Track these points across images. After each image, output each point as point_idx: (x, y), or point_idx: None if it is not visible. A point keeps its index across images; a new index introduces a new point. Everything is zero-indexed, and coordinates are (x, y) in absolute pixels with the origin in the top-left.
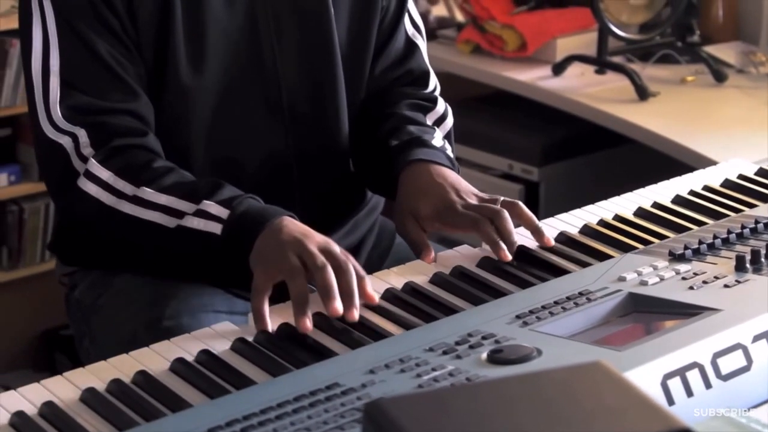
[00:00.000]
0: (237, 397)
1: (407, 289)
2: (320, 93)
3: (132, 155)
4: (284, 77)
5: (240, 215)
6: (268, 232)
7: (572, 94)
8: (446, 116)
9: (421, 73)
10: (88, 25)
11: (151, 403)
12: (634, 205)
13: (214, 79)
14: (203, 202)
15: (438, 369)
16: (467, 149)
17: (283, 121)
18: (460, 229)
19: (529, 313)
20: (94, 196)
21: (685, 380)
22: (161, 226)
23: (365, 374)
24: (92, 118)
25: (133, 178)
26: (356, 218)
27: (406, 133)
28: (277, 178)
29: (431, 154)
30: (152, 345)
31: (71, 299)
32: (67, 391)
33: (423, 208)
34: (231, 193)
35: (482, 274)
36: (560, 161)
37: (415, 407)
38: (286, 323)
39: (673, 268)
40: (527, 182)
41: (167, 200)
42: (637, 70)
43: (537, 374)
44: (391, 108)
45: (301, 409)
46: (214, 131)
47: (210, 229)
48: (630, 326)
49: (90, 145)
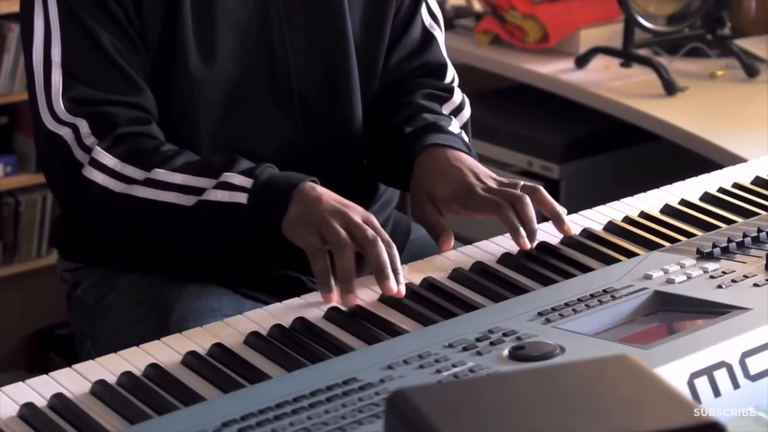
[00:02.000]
0: (251, 391)
1: (426, 285)
2: (332, 84)
3: (137, 141)
4: (295, 68)
5: (265, 183)
6: (303, 195)
7: (596, 88)
8: (463, 107)
9: (438, 66)
10: (92, 16)
11: (163, 396)
12: (661, 202)
13: (223, 71)
14: (223, 174)
15: (458, 365)
16: (485, 145)
17: (293, 113)
18: (479, 213)
19: (551, 310)
20: (102, 185)
21: (712, 380)
22: (179, 206)
23: (383, 369)
24: (94, 108)
25: (142, 163)
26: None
27: (421, 120)
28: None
29: (448, 140)
30: (164, 338)
31: (73, 298)
32: (77, 383)
33: (440, 191)
34: (248, 164)
35: (503, 270)
36: (582, 158)
37: (439, 397)
38: (300, 318)
39: (701, 267)
40: (547, 180)
41: (183, 179)
42: (665, 63)
43: (562, 366)
44: (407, 97)
45: (317, 404)
46: (223, 124)
47: (235, 200)
48: (656, 325)
49: (92, 135)
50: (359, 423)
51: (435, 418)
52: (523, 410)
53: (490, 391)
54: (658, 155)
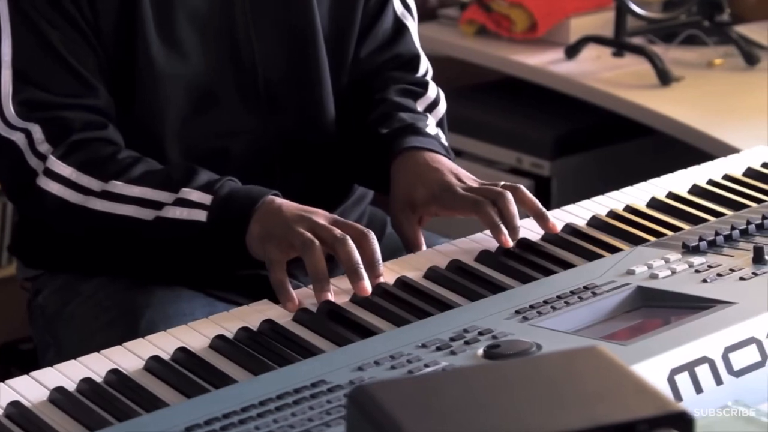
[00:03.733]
0: (216, 396)
1: (399, 284)
2: (302, 77)
3: (94, 148)
4: (261, 61)
5: (224, 199)
6: (264, 213)
7: (587, 79)
8: (438, 102)
9: (410, 57)
10: (43, 14)
11: (124, 402)
12: (648, 195)
13: (187, 66)
14: (182, 189)
15: (431, 365)
16: (471, 141)
17: (262, 109)
18: (459, 212)
19: (529, 307)
20: (57, 195)
21: (694, 376)
22: (138, 219)
23: (353, 371)
24: (47, 113)
25: (98, 172)
26: (343, 207)
27: (397, 120)
28: (259, 169)
29: (425, 142)
30: (126, 343)
31: (35, 305)
32: (35, 390)
33: (419, 194)
34: (208, 177)
35: (481, 268)
36: (574, 154)
37: (402, 392)
38: (268, 320)
39: (687, 261)
40: (538, 177)
41: (141, 191)
42: (659, 52)
43: (531, 359)
44: (380, 94)
45: (284, 407)
46: (190, 120)
47: (194, 218)
48: (638, 321)
49: (46, 141)
50: (327, 425)
51: (397, 413)
52: (488, 403)
53: (454, 385)
54: (653, 149)
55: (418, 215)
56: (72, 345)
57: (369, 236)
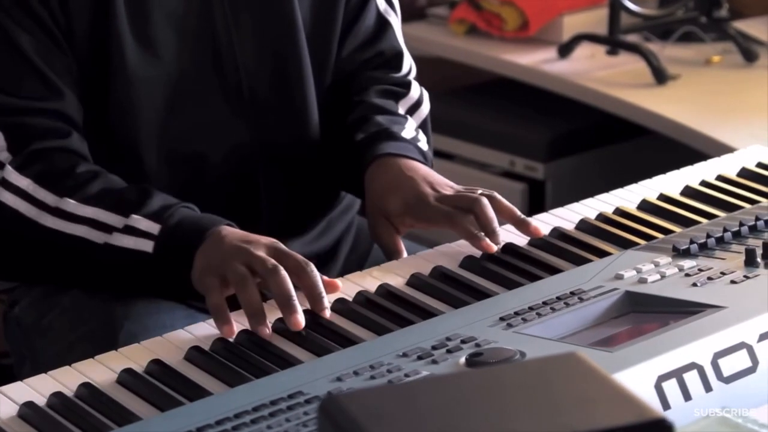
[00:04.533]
0: (190, 409)
1: (381, 292)
2: (284, 78)
3: (53, 159)
4: (242, 61)
5: (172, 229)
6: (208, 245)
7: (581, 78)
8: (421, 102)
9: (393, 55)
10: (9, 14)
11: (96, 417)
12: (638, 197)
13: (164, 67)
14: (131, 216)
15: (411, 375)
16: (462, 144)
17: (243, 111)
18: (434, 224)
19: (514, 314)
20: (12, 207)
21: (682, 382)
22: (89, 241)
23: (332, 382)
24: (9, 119)
25: (54, 186)
26: (330, 217)
27: (373, 125)
28: (241, 175)
29: (400, 147)
30: (98, 356)
31: (10, 317)
32: (4, 406)
33: (392, 204)
34: (161, 202)
35: (465, 274)
36: (569, 156)
37: (374, 402)
38: (245, 330)
39: (677, 265)
40: (531, 180)
41: (93, 212)
42: (655, 50)
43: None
44: (360, 95)
45: (260, 419)
46: (168, 125)
47: (141, 247)
48: (625, 327)
49: (6, 149)
50: None
51: (368, 425)
52: (463, 412)
53: (428, 394)
54: (650, 150)
55: (393, 224)
56: (48, 358)
57: (308, 268)
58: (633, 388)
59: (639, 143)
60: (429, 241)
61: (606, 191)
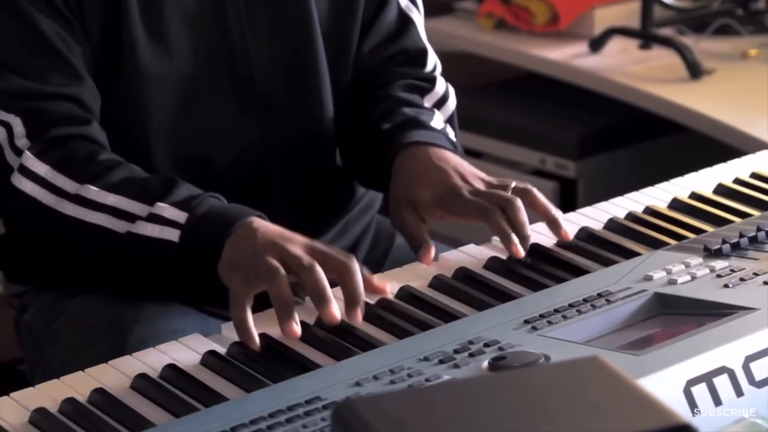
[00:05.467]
0: (205, 415)
1: (403, 295)
2: (299, 76)
3: (73, 147)
4: (256, 59)
5: (200, 219)
6: (239, 237)
7: (613, 73)
8: (447, 98)
9: (417, 52)
10: (30, 1)
11: (109, 423)
12: (669, 196)
13: (176, 65)
14: (156, 204)
15: (432, 379)
16: (491, 142)
17: (256, 110)
18: (466, 218)
19: (539, 317)
20: (31, 195)
21: (712, 387)
22: (110, 231)
23: (351, 387)
24: (28, 103)
25: (74, 173)
26: (348, 218)
27: (400, 115)
28: (253, 176)
29: (429, 136)
30: (111, 361)
31: (21, 324)
32: (15, 412)
33: (422, 194)
34: (188, 192)
35: (489, 276)
36: (601, 154)
37: (390, 407)
38: (262, 334)
39: (708, 265)
40: (563, 179)
41: (115, 200)
42: (690, 43)
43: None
44: (384, 90)
45: (276, 426)
46: (178, 124)
47: (166, 236)
48: (654, 330)
49: (25, 136)
50: None
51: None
52: (481, 417)
53: (446, 398)
54: (684, 148)
55: (420, 214)
56: (58, 364)
57: (350, 264)
58: (661, 392)
59: (673, 140)
60: (452, 241)
61: (639, 190)
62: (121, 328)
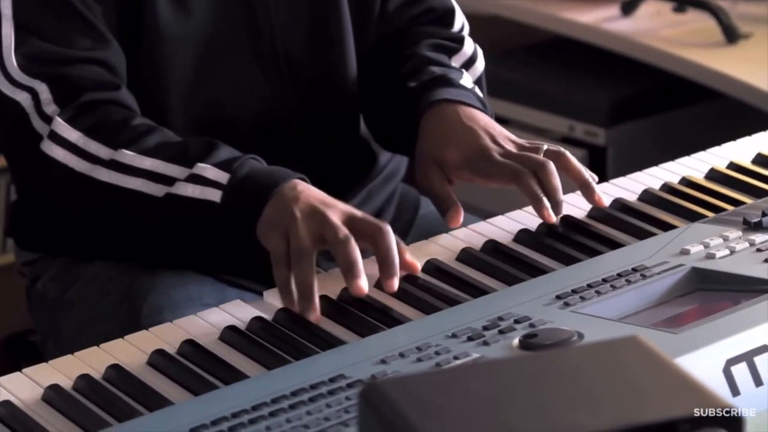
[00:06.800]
0: (225, 393)
1: (429, 269)
2: (322, 37)
3: (104, 112)
4: (278, 18)
5: (243, 179)
6: (279, 199)
7: (645, 38)
8: (476, 58)
9: (444, 11)
10: None
11: (125, 401)
12: (706, 166)
13: (197, 25)
14: (197, 165)
15: (461, 357)
16: (519, 108)
17: (278, 72)
18: (496, 181)
19: (571, 292)
20: (62, 162)
21: (752, 366)
22: (147, 195)
23: (376, 365)
24: (55, 69)
25: (108, 138)
26: (371, 186)
27: (427, 73)
28: (274, 141)
29: (459, 94)
30: (127, 336)
31: (33, 293)
32: (28, 389)
33: (450, 155)
34: (229, 154)
35: (519, 249)
36: (632, 121)
37: (419, 389)
38: (283, 309)
39: (747, 239)
40: (592, 147)
41: (152, 164)
42: (725, 6)
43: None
44: (410, 49)
45: (299, 405)
46: (198, 85)
47: (207, 197)
48: (692, 306)
49: (53, 102)
50: (344, 425)
51: (412, 413)
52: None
53: (477, 380)
54: (720, 115)
55: (447, 175)
56: (71, 334)
57: (383, 230)
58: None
59: (708, 107)
60: (482, 212)
61: (671, 159)
62: (135, 296)
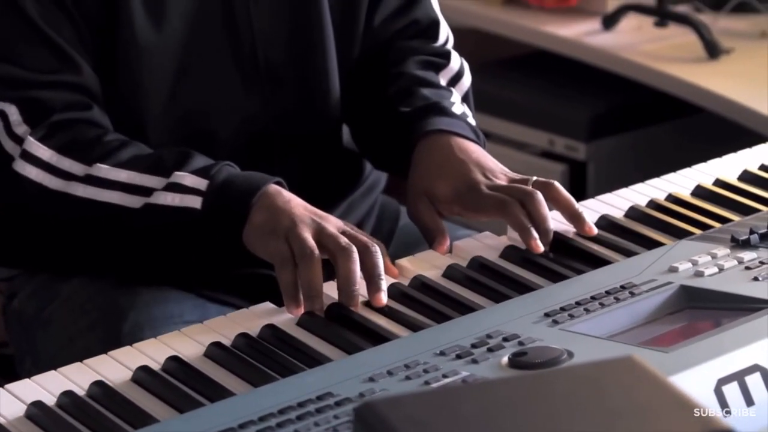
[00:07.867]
0: (210, 411)
1: (416, 285)
2: (304, 49)
3: (77, 130)
4: (259, 29)
5: (221, 185)
6: (267, 203)
7: (627, 52)
8: (462, 74)
9: (429, 23)
10: None
11: (109, 418)
12: (693, 183)
13: (174, 35)
14: (174, 173)
15: (450, 375)
16: (499, 122)
17: (259, 84)
18: (484, 214)
19: (560, 310)
20: (36, 181)
21: (743, 386)
22: (124, 207)
23: (364, 382)
24: (24, 92)
25: (81, 155)
26: (351, 198)
27: (419, 98)
28: (254, 153)
29: (451, 124)
30: (111, 352)
31: (10, 310)
32: (10, 405)
33: (440, 189)
34: (204, 161)
35: (506, 265)
36: (612, 136)
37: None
38: (269, 325)
39: (736, 257)
40: (572, 161)
41: (128, 176)
42: (707, 21)
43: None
44: (397, 67)
45: (286, 423)
46: (176, 97)
47: (188, 204)
48: (681, 325)
49: (24, 122)
50: None
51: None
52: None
53: (470, 401)
54: (701, 131)
55: (437, 209)
56: (50, 352)
57: (372, 249)
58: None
59: (689, 122)
60: (468, 225)
61: (653, 174)
62: (116, 314)
